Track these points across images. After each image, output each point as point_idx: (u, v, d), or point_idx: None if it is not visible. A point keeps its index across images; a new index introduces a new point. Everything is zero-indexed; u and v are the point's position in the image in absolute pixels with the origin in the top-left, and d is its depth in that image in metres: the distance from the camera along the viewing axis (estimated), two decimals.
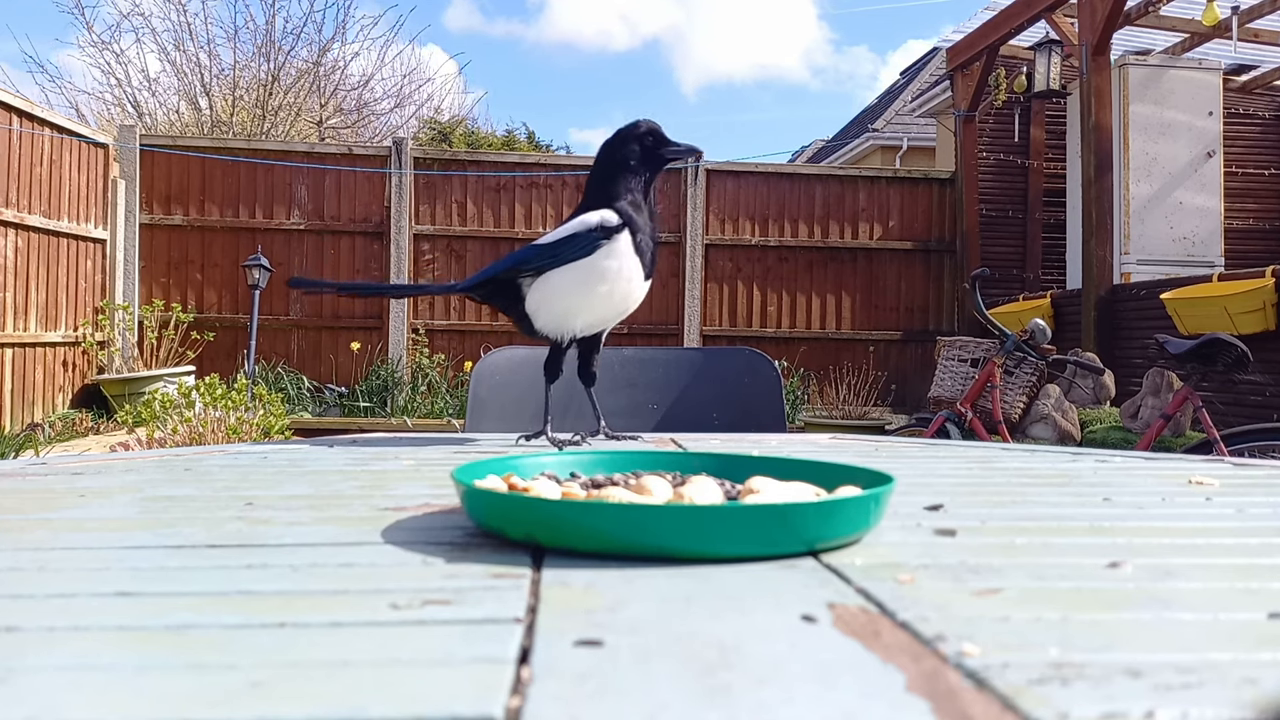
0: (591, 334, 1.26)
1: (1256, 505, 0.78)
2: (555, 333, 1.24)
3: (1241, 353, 3.82)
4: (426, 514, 0.71)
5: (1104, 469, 1.03)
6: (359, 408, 7.64)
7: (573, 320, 1.22)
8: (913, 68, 17.31)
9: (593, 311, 1.22)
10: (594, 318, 1.23)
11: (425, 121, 16.94)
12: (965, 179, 8.78)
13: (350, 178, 8.38)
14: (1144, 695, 0.34)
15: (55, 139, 7.16)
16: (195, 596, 0.48)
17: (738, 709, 0.33)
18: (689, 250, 8.60)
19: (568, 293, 1.21)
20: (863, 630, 0.42)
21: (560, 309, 1.22)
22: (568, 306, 1.21)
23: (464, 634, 0.41)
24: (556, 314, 1.22)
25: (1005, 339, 4.57)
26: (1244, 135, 9.03)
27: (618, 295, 1.21)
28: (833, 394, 7.71)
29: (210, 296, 8.22)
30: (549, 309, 1.22)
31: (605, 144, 1.25)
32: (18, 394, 6.71)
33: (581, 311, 1.21)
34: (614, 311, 1.23)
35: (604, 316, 1.24)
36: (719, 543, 0.54)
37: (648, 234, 1.20)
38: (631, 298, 1.22)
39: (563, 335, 1.24)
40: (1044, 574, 0.53)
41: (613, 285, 1.20)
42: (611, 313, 1.23)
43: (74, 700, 0.34)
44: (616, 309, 1.23)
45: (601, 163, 1.23)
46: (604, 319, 1.24)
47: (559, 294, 1.21)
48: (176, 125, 13.94)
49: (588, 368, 1.28)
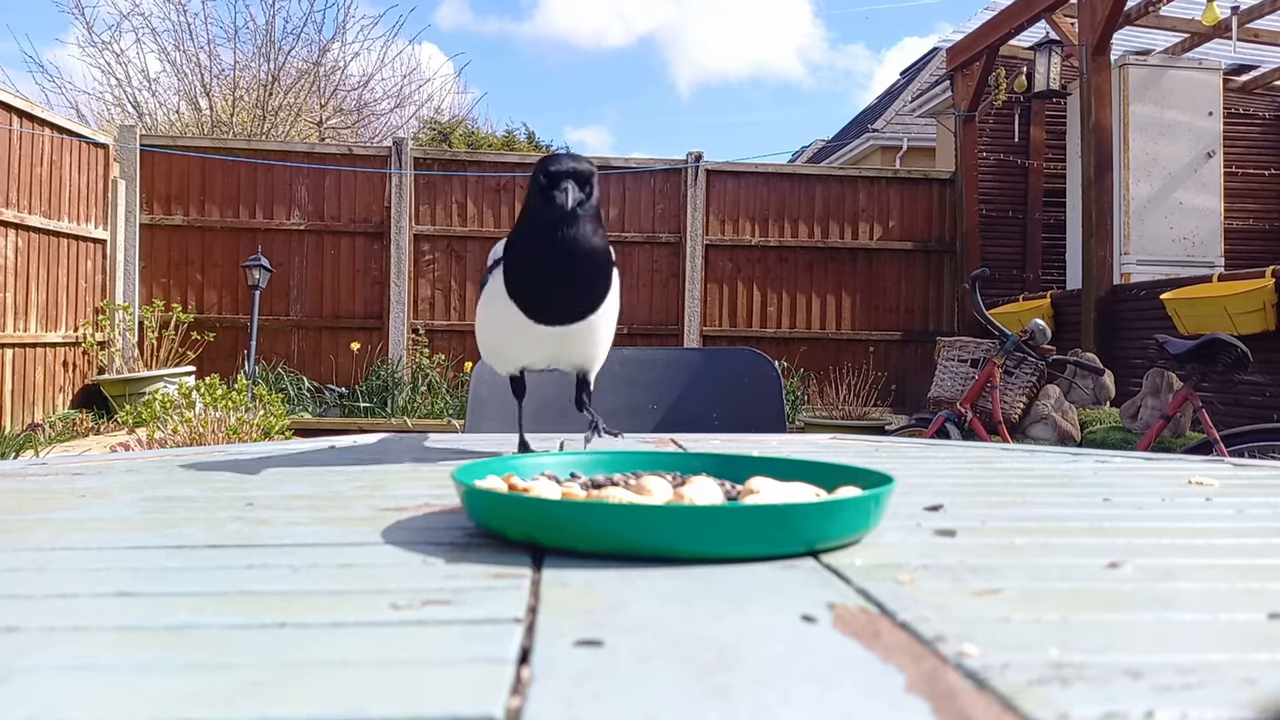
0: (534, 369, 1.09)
1: (1256, 505, 0.78)
2: (487, 363, 1.13)
3: (1241, 353, 3.83)
4: (426, 514, 0.71)
5: (1104, 469, 1.03)
6: (359, 408, 7.64)
7: (489, 358, 1.10)
8: (913, 68, 17.31)
9: (496, 352, 1.08)
10: (503, 360, 1.08)
11: (425, 122, 16.94)
12: (965, 179, 8.78)
13: (350, 178, 8.38)
14: (1144, 695, 0.34)
15: (55, 139, 7.16)
16: (195, 596, 0.48)
17: (737, 709, 0.33)
18: (689, 250, 8.60)
19: (477, 327, 1.11)
20: (863, 630, 0.42)
21: (480, 343, 1.11)
22: (480, 341, 1.10)
23: (464, 634, 0.41)
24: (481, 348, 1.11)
25: (1005, 339, 4.57)
26: (1244, 135, 9.03)
27: (503, 342, 1.06)
28: (833, 394, 7.71)
29: (210, 297, 8.22)
30: (478, 341, 1.11)
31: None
32: (18, 394, 6.71)
33: (489, 350, 1.09)
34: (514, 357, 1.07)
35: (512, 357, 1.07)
36: (719, 543, 0.54)
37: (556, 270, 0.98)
38: (515, 348, 1.05)
39: (496, 369, 1.12)
40: (1044, 574, 0.53)
41: (495, 331, 1.06)
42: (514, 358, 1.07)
43: (74, 700, 0.34)
44: (514, 357, 1.07)
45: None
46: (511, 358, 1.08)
47: (477, 327, 1.11)
48: (176, 125, 13.95)
49: (577, 395, 1.11)
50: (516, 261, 1.00)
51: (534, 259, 0.99)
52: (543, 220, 0.96)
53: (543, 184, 0.96)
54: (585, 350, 1.05)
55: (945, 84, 10.00)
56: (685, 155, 8.70)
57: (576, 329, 1.01)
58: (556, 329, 1.00)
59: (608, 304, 1.03)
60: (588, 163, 0.97)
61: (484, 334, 1.09)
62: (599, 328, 1.03)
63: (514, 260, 1.00)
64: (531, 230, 0.98)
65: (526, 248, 0.99)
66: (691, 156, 8.66)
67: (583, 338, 1.03)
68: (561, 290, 0.99)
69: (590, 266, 0.99)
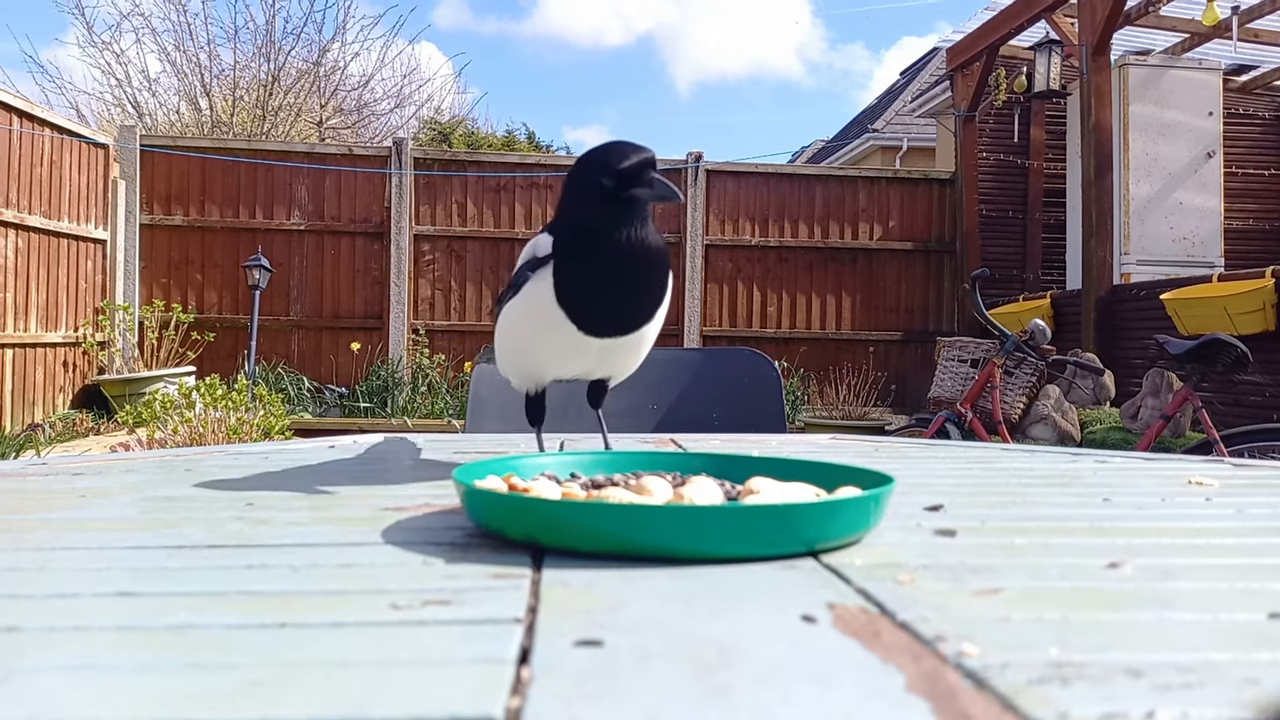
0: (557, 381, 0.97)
1: (1256, 505, 0.78)
2: (503, 373, 1.00)
3: (1241, 353, 3.83)
4: (426, 514, 0.71)
5: (1104, 469, 1.03)
6: (359, 408, 7.64)
7: (510, 370, 0.98)
8: (913, 68, 17.32)
9: (522, 365, 0.95)
10: (530, 374, 0.96)
11: (425, 122, 16.95)
12: (965, 179, 8.78)
13: (350, 178, 8.38)
14: (1144, 695, 0.34)
15: (55, 139, 7.16)
16: (195, 596, 0.48)
17: (737, 709, 0.33)
18: (689, 250, 8.60)
19: (501, 334, 0.97)
20: (863, 630, 0.42)
21: (500, 351, 0.99)
22: (502, 349, 0.98)
23: (464, 634, 0.41)
24: (501, 358, 0.99)
25: (1005, 339, 4.57)
26: (1244, 135, 9.03)
27: (538, 353, 0.93)
28: (833, 394, 7.72)
29: (210, 297, 8.22)
30: (498, 349, 0.99)
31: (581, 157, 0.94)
32: (18, 394, 6.71)
33: (511, 361, 0.97)
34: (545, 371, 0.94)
35: (541, 371, 0.95)
36: (719, 543, 0.54)
37: (624, 279, 0.87)
38: (551, 361, 0.92)
39: (513, 383, 0.99)
40: (1044, 574, 0.53)
41: (529, 341, 0.92)
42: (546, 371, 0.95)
43: (74, 700, 0.34)
44: (547, 370, 0.94)
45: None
46: (539, 372, 0.95)
47: (499, 334, 0.98)
48: (176, 125, 13.95)
49: (594, 396, 1.02)
50: (574, 267, 0.87)
51: (597, 266, 0.86)
52: (606, 221, 0.84)
53: (611, 183, 0.83)
54: (627, 362, 0.95)
55: (945, 84, 10.00)
56: (685, 155, 8.70)
57: (628, 339, 0.90)
58: (606, 341, 0.89)
59: (660, 313, 0.92)
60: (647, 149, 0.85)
61: (512, 343, 0.96)
62: (648, 336, 0.92)
63: (571, 266, 0.87)
64: (593, 233, 0.86)
65: (588, 252, 0.86)
66: (692, 156, 8.66)
67: (629, 349, 0.92)
68: (626, 299, 0.88)
69: (660, 272, 0.88)
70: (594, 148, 0.90)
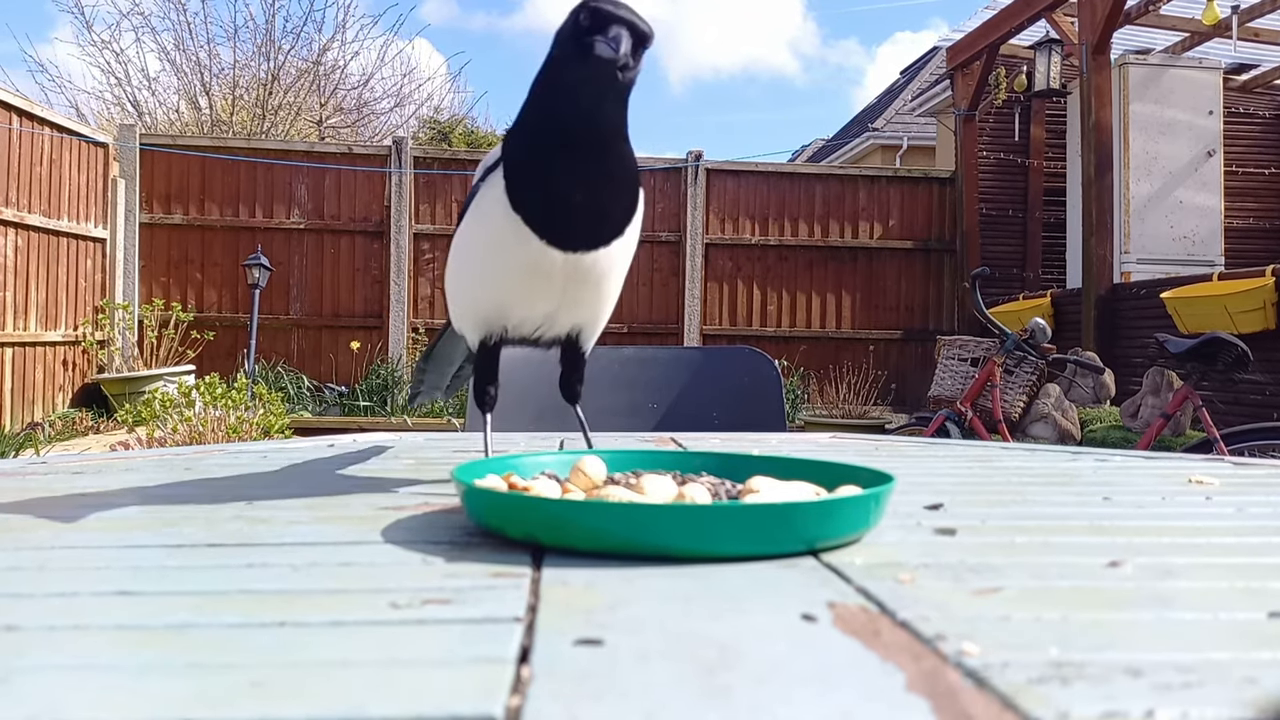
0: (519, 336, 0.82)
1: (1256, 505, 0.78)
2: (457, 326, 0.87)
3: (1241, 352, 3.83)
4: (426, 513, 0.71)
5: (1104, 468, 1.03)
6: (359, 407, 7.64)
7: (463, 317, 0.84)
8: (913, 67, 17.31)
9: (476, 303, 0.81)
10: (485, 315, 0.81)
11: (425, 121, 16.93)
12: (965, 178, 8.78)
13: (350, 177, 8.38)
14: (1144, 695, 0.34)
15: (55, 138, 7.15)
16: (195, 596, 0.48)
17: (737, 709, 0.33)
18: (689, 249, 8.60)
19: (451, 273, 0.84)
20: (863, 630, 0.42)
21: (452, 295, 0.85)
22: (454, 291, 0.85)
23: (464, 633, 0.41)
24: (453, 304, 0.85)
25: (1005, 338, 4.57)
26: (1244, 134, 9.03)
27: (495, 282, 0.78)
28: (833, 393, 7.72)
29: (210, 296, 8.22)
30: (450, 293, 0.86)
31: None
32: (18, 393, 6.71)
33: (464, 301, 0.83)
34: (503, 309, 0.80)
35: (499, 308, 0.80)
36: (719, 542, 0.54)
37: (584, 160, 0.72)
38: (511, 292, 0.78)
39: (462, 332, 0.86)
40: (1044, 573, 0.53)
41: (483, 266, 0.79)
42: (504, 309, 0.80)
43: (74, 700, 0.34)
44: (504, 308, 0.79)
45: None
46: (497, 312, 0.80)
47: (449, 274, 0.85)
48: (176, 124, 13.94)
49: (568, 380, 0.88)
50: (526, 151, 0.72)
51: (551, 145, 0.71)
52: (567, 85, 0.69)
53: (579, 28, 0.69)
54: (596, 298, 0.80)
55: (945, 83, 10.00)
56: (685, 154, 8.70)
57: (595, 262, 0.76)
58: (573, 258, 0.74)
59: (632, 232, 0.78)
60: (646, 22, 0.70)
61: (465, 278, 0.82)
62: (616, 264, 0.78)
63: (522, 150, 0.72)
64: (549, 102, 0.70)
65: (541, 128, 0.71)
66: (692, 155, 8.66)
67: (598, 278, 0.77)
68: (588, 191, 0.72)
69: (623, 161, 0.74)
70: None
